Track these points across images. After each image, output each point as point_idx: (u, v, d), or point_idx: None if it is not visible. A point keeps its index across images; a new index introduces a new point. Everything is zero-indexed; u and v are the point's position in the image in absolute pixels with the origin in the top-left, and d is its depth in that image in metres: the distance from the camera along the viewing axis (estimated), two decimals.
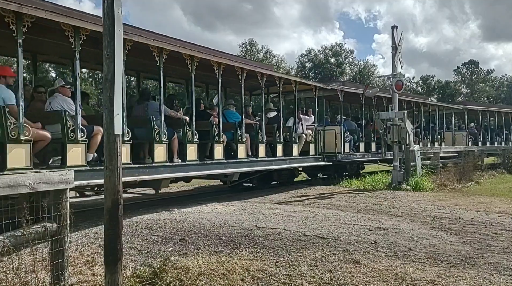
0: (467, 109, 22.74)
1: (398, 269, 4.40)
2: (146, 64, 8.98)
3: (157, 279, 4.06)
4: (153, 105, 8.72)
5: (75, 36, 6.59)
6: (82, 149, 6.76)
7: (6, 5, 5.62)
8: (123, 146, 6.82)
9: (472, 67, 62.98)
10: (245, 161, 10.35)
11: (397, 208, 8.63)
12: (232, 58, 11.07)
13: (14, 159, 5.82)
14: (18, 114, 5.89)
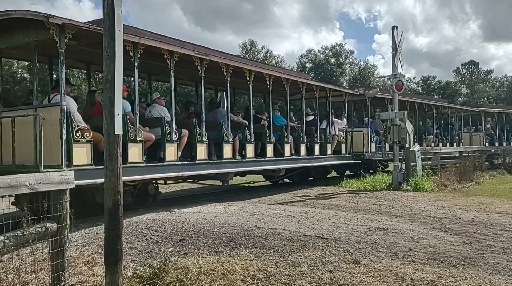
0: (484, 111, 23.87)
1: (399, 270, 4.40)
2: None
3: (157, 279, 4.06)
4: (222, 111, 10.49)
5: (170, 58, 8.31)
6: (175, 148, 8.60)
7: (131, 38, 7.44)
8: (201, 146, 9.22)
9: (472, 67, 62.92)
10: (290, 159, 11.94)
11: (398, 209, 8.63)
12: (280, 70, 14.03)
13: (132, 155, 7.58)
14: (135, 120, 7.68)
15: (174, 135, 8.49)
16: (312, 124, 13.33)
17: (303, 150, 12.46)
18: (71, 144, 6.69)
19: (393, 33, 12.90)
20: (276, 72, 11.86)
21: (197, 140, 9.05)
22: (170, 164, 8.37)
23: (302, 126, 12.70)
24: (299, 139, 12.38)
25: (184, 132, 8.83)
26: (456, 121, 22.49)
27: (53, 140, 6.55)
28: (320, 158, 13.21)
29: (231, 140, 9.91)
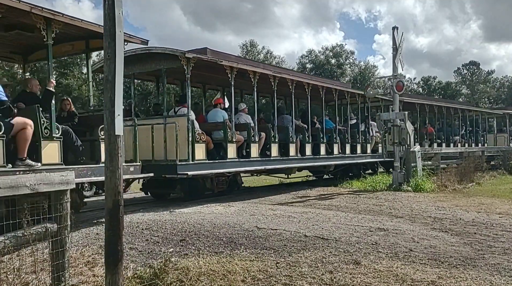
0: (508, 114, 25.41)
1: (399, 270, 4.40)
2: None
3: (157, 280, 4.06)
4: (287, 117, 12.63)
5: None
6: (257, 147, 10.88)
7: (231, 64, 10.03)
8: (274, 146, 11.45)
9: (473, 68, 62.93)
10: (338, 156, 13.95)
11: (398, 209, 8.62)
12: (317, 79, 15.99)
13: (230, 152, 9.95)
14: (231, 126, 10.16)
15: (256, 137, 10.82)
16: (354, 126, 15.34)
17: (347, 149, 14.54)
18: (194, 144, 9.12)
19: (394, 34, 12.91)
20: (314, 80, 13.94)
21: (271, 141, 11.34)
22: (254, 160, 10.70)
23: (347, 128, 14.81)
24: (345, 140, 14.45)
25: (262, 135, 11.17)
26: (480, 123, 24.32)
27: (181, 142, 8.95)
28: (362, 156, 15.30)
29: (294, 141, 12.23)
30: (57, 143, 6.62)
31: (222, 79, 11.04)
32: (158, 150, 9.04)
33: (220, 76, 10.80)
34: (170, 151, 8.94)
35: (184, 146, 8.95)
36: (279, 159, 11.57)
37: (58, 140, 6.64)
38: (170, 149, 8.94)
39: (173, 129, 8.96)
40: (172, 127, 8.99)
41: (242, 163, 10.40)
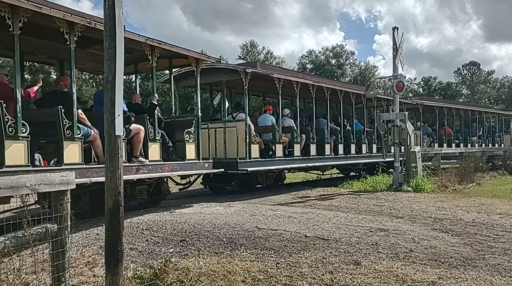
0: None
1: (399, 271, 4.40)
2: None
3: (158, 280, 4.07)
4: (323, 121, 14.12)
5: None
6: (299, 147, 12.51)
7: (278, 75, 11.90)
8: (313, 146, 13.03)
9: (473, 68, 62.94)
10: (366, 155, 15.37)
11: (398, 210, 8.62)
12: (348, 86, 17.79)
13: (278, 152, 11.54)
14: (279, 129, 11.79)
15: (299, 138, 12.44)
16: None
17: (374, 149, 16.06)
18: (250, 145, 10.65)
19: (394, 34, 12.90)
20: (345, 88, 15.29)
21: (310, 141, 12.90)
22: (297, 158, 12.29)
23: (373, 130, 16.26)
24: (372, 140, 16.07)
25: (303, 136, 12.74)
26: (497, 124, 26.12)
27: (240, 143, 10.57)
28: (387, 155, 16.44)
29: (329, 142, 13.74)
30: (158, 144, 8.33)
31: (268, 87, 13.11)
32: (219, 150, 10.66)
33: (268, 85, 12.62)
34: (230, 150, 10.63)
35: (242, 147, 10.60)
36: (317, 157, 13.22)
37: (159, 141, 8.34)
38: (230, 149, 10.63)
39: (233, 132, 10.63)
40: (233, 130, 10.66)
41: (287, 161, 12.07)
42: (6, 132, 5.95)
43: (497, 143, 24.77)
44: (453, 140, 21.11)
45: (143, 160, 7.83)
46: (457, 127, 22.18)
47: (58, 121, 6.62)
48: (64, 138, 6.64)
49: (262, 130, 11.73)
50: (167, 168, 8.44)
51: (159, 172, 8.27)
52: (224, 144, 10.66)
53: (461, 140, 21.67)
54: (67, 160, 6.65)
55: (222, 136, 10.70)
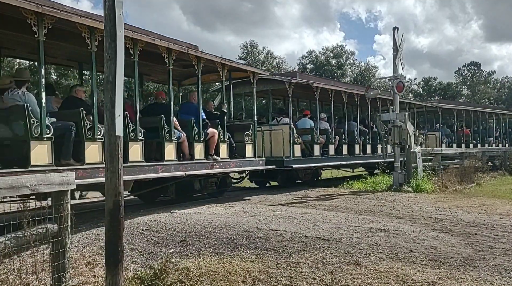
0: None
1: (399, 271, 4.40)
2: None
3: (158, 280, 4.07)
4: (353, 124, 15.65)
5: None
6: (333, 147, 14.05)
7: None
8: (345, 146, 14.58)
9: (474, 68, 62.92)
10: (390, 154, 15.12)
11: (398, 210, 8.62)
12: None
13: (316, 151, 13.14)
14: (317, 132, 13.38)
15: (333, 139, 13.99)
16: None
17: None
18: (293, 145, 12.26)
19: (394, 34, 12.89)
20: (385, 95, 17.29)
21: (343, 142, 14.41)
22: (331, 157, 13.87)
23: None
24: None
25: (337, 137, 14.20)
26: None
27: (286, 143, 12.22)
28: None
29: (359, 142, 15.26)
30: (226, 145, 10.04)
31: (307, 94, 14.56)
32: (266, 149, 12.03)
33: (307, 92, 14.16)
34: (275, 150, 12.35)
35: (287, 147, 12.22)
36: (348, 156, 14.73)
37: (227, 142, 10.04)
38: (275, 149, 12.36)
39: (279, 134, 12.33)
40: (279, 133, 12.39)
41: (323, 159, 13.64)
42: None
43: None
44: (471, 140, 22.19)
45: (216, 158, 9.62)
46: (475, 128, 23.61)
47: (160, 127, 8.30)
48: (164, 140, 8.32)
49: (302, 132, 13.17)
50: (233, 165, 10.27)
51: (227, 168, 10.11)
52: (270, 144, 12.35)
53: (479, 141, 22.71)
54: (167, 157, 8.35)
55: (268, 137, 12.38)
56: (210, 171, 9.53)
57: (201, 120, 9.24)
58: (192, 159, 9.06)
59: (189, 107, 9.71)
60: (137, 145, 7.67)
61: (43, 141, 6.26)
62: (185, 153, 9.05)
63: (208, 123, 9.64)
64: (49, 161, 6.34)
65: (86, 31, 6.78)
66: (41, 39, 6.23)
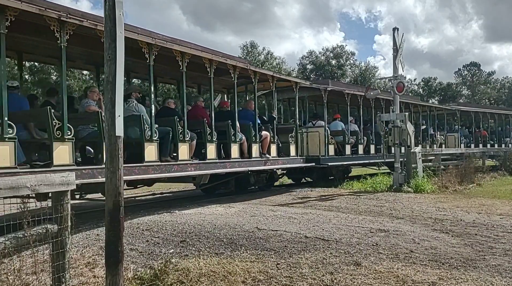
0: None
1: (400, 271, 4.40)
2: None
3: (158, 281, 4.07)
4: (377, 127, 15.26)
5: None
6: (362, 147, 15.64)
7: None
8: (372, 145, 15.95)
9: (474, 69, 62.92)
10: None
11: (399, 210, 8.62)
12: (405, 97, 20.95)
13: (330, 151, 13.84)
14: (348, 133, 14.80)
15: (362, 140, 15.31)
16: (424, 131, 20.02)
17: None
18: (328, 145, 13.57)
19: (394, 35, 12.90)
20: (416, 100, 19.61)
21: (370, 142, 15.92)
22: (360, 156, 15.30)
23: (419, 132, 18.81)
24: (417, 141, 18.15)
25: (365, 138, 15.66)
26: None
27: (321, 143, 13.53)
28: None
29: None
30: (275, 145, 11.85)
31: (339, 99, 15.54)
32: (303, 149, 13.39)
33: (338, 98, 15.21)
34: (311, 149, 13.61)
35: (322, 146, 13.54)
36: (375, 155, 15.99)
37: (276, 143, 11.86)
38: (311, 148, 13.63)
39: (315, 135, 13.66)
40: (315, 134, 13.70)
41: (353, 158, 15.00)
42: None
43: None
44: (488, 141, 23.48)
45: (268, 156, 11.30)
46: (492, 129, 25.08)
47: (227, 130, 10.03)
48: (231, 142, 10.10)
49: (334, 134, 14.44)
50: (280, 162, 12.08)
51: (276, 165, 11.97)
52: (307, 145, 13.60)
53: (496, 141, 24.30)
54: (233, 155, 10.19)
55: (305, 138, 13.61)
56: (264, 167, 11.37)
57: (257, 125, 11.02)
58: (250, 157, 10.74)
59: (247, 113, 11.32)
60: (212, 145, 9.55)
61: (152, 142, 8.03)
62: (244, 152, 10.64)
63: (262, 127, 11.46)
64: (156, 158, 8.11)
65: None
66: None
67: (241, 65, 10.52)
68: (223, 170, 10.00)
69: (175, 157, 8.64)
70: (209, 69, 9.40)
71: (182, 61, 8.71)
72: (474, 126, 23.52)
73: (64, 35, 6.56)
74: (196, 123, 9.54)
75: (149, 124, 8.03)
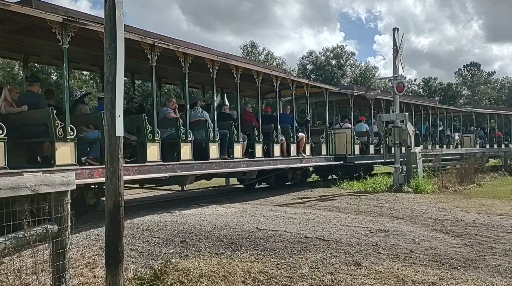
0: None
1: (400, 272, 4.40)
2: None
3: (158, 281, 4.07)
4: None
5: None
6: (373, 147, 16.00)
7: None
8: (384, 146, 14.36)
9: (474, 69, 62.90)
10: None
11: (399, 210, 8.62)
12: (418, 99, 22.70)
13: (356, 151, 14.99)
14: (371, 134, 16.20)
15: (375, 141, 16.04)
16: (441, 132, 21.30)
17: (437, 148, 19.80)
18: (354, 145, 14.76)
19: (394, 35, 12.90)
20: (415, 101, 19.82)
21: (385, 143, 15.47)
22: (376, 155, 15.81)
23: (436, 133, 20.58)
24: (435, 141, 20.34)
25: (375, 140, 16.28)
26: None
27: (348, 143, 14.69)
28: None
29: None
30: (309, 145, 13.28)
31: (362, 103, 17.00)
32: (331, 149, 14.50)
33: (362, 101, 16.43)
34: (338, 149, 14.67)
35: (349, 146, 14.71)
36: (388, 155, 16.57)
37: (310, 143, 13.36)
38: (338, 148, 14.67)
39: (343, 136, 14.82)
40: (342, 135, 14.85)
41: (376, 157, 15.78)
42: (255, 139, 11.07)
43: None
44: (502, 141, 24.66)
45: (304, 155, 12.76)
46: (507, 130, 26.11)
47: (271, 132, 11.55)
48: (273, 142, 11.59)
49: (359, 134, 15.59)
50: (314, 160, 13.48)
51: (310, 163, 13.40)
52: (334, 144, 14.58)
53: (510, 141, 25.41)
54: (275, 154, 11.61)
55: (332, 138, 14.61)
56: (300, 165, 12.88)
57: (294, 127, 12.42)
58: (289, 156, 12.18)
59: (286, 117, 12.73)
60: (259, 146, 11.14)
61: (215, 143, 9.57)
62: (284, 152, 12.04)
63: (299, 129, 12.77)
64: (217, 156, 9.66)
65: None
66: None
67: (282, 75, 12.32)
68: (268, 167, 11.55)
69: (231, 156, 10.22)
70: (256, 79, 11.04)
71: (237, 74, 10.32)
72: (489, 127, 24.86)
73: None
74: (246, 126, 10.99)
75: (213, 128, 9.63)
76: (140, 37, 7.79)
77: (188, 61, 8.94)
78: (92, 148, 7.65)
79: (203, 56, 9.26)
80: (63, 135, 6.70)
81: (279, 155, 11.81)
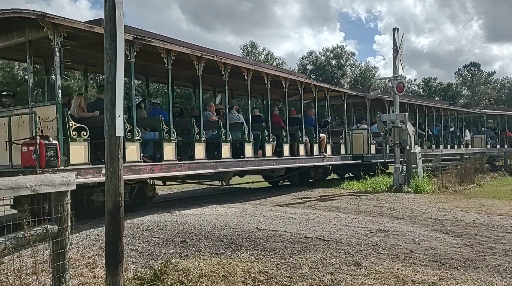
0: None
1: (400, 272, 4.40)
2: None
3: (158, 281, 4.07)
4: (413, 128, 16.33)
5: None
6: (388, 147, 14.92)
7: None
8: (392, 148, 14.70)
9: (474, 69, 62.88)
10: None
11: (399, 210, 8.62)
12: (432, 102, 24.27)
13: (372, 150, 15.74)
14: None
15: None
16: (452, 132, 21.76)
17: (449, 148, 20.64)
18: (370, 145, 15.51)
19: (394, 35, 12.91)
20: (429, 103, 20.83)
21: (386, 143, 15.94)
22: (390, 154, 14.96)
23: (447, 133, 21.12)
24: (445, 141, 20.97)
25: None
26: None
27: (364, 143, 15.40)
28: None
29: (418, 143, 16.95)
30: (330, 145, 14.07)
31: (378, 105, 17.63)
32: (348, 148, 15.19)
33: (377, 104, 17.15)
34: (355, 149, 15.31)
35: (366, 146, 15.38)
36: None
37: (330, 143, 14.15)
38: (355, 148, 15.31)
39: (360, 136, 15.52)
40: (359, 135, 15.56)
41: (391, 156, 15.19)
42: (283, 139, 12.01)
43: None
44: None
45: (325, 154, 13.63)
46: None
47: (296, 133, 12.44)
48: (298, 142, 12.53)
49: (375, 135, 15.98)
50: (334, 159, 14.31)
51: (331, 161, 14.30)
52: (351, 144, 15.26)
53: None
54: (300, 153, 12.59)
55: (349, 139, 15.26)
56: (322, 163, 13.84)
57: (317, 128, 13.30)
58: (312, 155, 13.11)
59: (309, 119, 13.45)
60: (287, 146, 12.09)
61: (249, 143, 10.65)
62: (307, 151, 13.03)
63: (320, 130, 13.65)
64: (252, 154, 10.73)
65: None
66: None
67: (307, 81, 13.48)
68: (295, 165, 12.57)
69: (264, 154, 11.25)
70: (284, 85, 12.18)
71: (267, 80, 11.39)
72: (500, 127, 25.41)
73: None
74: (274, 128, 11.81)
75: (248, 129, 10.67)
76: (191, 51, 8.99)
77: (227, 70, 10.00)
78: (147, 147, 8.64)
79: (240, 65, 10.41)
80: (131, 136, 7.70)
81: (304, 154, 12.79)
